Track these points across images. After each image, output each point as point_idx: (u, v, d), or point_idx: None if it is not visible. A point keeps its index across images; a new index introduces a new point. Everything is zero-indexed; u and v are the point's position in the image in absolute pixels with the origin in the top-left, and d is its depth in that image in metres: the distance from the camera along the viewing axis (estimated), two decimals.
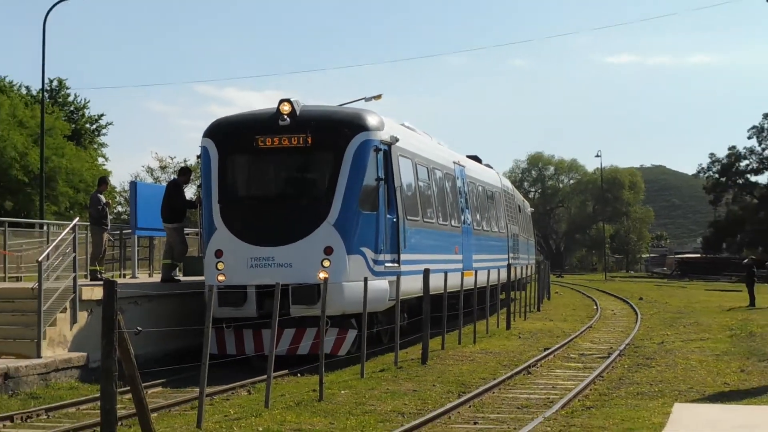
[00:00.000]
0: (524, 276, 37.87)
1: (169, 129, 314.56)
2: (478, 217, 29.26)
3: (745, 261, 43.49)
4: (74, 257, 17.55)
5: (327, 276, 17.73)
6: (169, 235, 21.84)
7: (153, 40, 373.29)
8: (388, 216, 19.74)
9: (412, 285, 20.15)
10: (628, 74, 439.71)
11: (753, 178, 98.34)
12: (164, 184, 31.21)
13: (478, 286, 26.02)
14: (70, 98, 62.14)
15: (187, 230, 23.26)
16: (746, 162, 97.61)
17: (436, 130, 27.30)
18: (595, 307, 38.50)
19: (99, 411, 9.99)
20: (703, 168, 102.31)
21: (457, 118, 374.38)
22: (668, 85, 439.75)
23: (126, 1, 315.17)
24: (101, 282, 12.60)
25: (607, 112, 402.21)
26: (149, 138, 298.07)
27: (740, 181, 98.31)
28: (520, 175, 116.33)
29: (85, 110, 62.99)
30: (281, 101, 18.95)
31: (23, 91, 55.30)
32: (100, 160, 60.28)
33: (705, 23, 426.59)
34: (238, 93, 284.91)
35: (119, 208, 46.02)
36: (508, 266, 32.20)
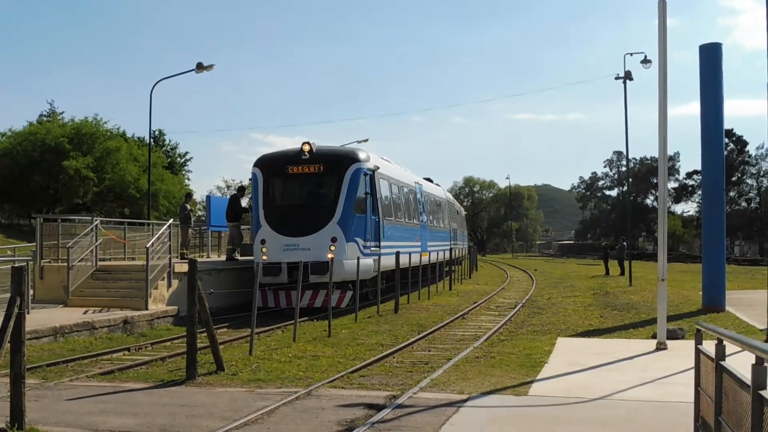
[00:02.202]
0: (460, 255, 37.86)
1: (232, 161, 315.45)
2: (431, 217, 29.23)
3: (603, 245, 43.70)
4: (169, 245, 17.46)
5: (333, 256, 17.68)
6: (231, 230, 21.71)
7: (222, 102, 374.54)
8: (373, 217, 19.67)
9: (388, 262, 20.10)
10: (526, 126, 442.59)
11: (607, 193, 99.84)
12: (228, 197, 30.97)
13: (431, 262, 26.05)
14: (167, 141, 61.84)
15: (242, 226, 23.15)
16: (602, 182, 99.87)
17: (404, 161, 27.29)
18: (506, 275, 38.52)
19: (186, 343, 9.91)
20: (575, 185, 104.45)
21: (417, 154, 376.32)
22: (553, 133, 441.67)
23: (205, 81, 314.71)
24: (187, 260, 12.47)
25: (513, 149, 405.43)
26: (219, 167, 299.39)
27: (599, 194, 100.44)
28: (457, 190, 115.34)
29: (176, 149, 62.70)
30: (303, 143, 18.86)
31: (136, 137, 54.80)
32: (186, 181, 59.70)
33: (577, 94, 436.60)
34: (276, 138, 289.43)
35: (199, 213, 45.67)
36: (450, 249, 32.21)
